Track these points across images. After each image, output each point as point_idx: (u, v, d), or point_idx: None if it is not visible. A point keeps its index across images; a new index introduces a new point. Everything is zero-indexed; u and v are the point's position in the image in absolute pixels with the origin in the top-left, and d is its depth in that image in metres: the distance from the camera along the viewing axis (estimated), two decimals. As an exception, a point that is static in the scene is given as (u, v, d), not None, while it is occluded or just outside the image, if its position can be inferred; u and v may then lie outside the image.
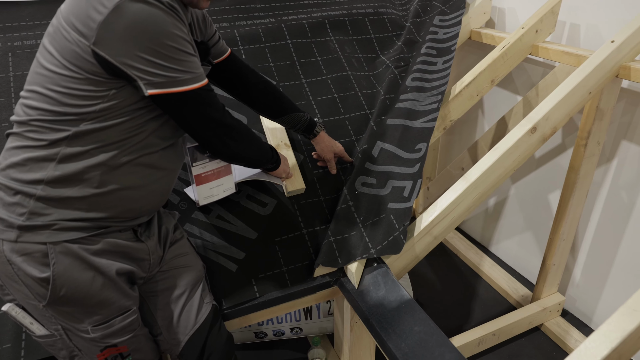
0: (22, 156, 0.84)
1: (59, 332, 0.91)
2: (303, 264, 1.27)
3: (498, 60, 1.59)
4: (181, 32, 0.82)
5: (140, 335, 0.99)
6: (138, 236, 0.98)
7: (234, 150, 1.01)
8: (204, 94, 0.89)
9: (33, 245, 0.84)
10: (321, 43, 1.73)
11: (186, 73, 0.85)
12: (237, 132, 1.00)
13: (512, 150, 1.29)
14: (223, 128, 0.96)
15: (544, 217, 1.95)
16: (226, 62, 1.20)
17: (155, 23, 0.78)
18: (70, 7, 0.80)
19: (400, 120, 1.52)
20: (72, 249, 0.86)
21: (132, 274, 0.97)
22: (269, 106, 1.28)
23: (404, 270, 1.31)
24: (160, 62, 0.81)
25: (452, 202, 1.28)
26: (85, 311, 0.90)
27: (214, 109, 0.93)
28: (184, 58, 0.84)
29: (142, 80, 0.81)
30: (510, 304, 2.02)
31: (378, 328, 1.10)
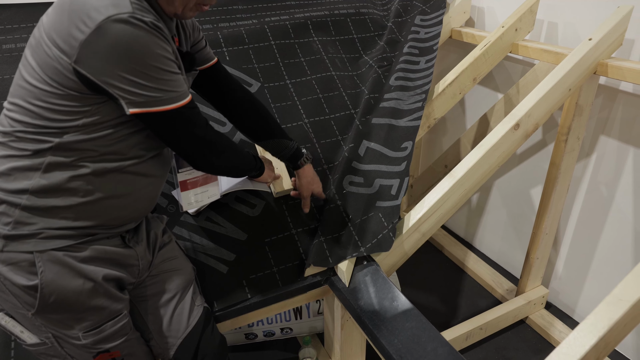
0: (7, 165, 0.83)
1: (49, 340, 0.90)
2: (293, 264, 1.27)
3: (479, 59, 1.62)
4: (164, 51, 0.81)
5: (132, 340, 0.98)
6: (126, 242, 0.97)
7: (216, 165, 1.01)
8: (186, 112, 0.88)
9: (19, 254, 0.83)
10: (304, 44, 1.74)
11: (168, 92, 0.83)
12: (219, 147, 0.99)
13: (496, 146, 1.31)
14: (205, 145, 0.95)
15: (527, 212, 2.00)
16: (211, 70, 1.16)
17: (138, 43, 0.77)
18: (52, 22, 0.79)
19: (385, 119, 1.54)
20: (59, 257, 0.86)
21: (121, 280, 0.96)
22: (251, 127, 1.21)
23: (393, 267, 1.32)
24: (142, 81, 0.80)
25: (439, 199, 1.29)
26: (75, 317, 0.90)
27: (196, 126, 0.91)
28: (166, 77, 0.83)
29: (123, 99, 0.80)
30: (496, 298, 2.05)
31: (370, 325, 1.11)
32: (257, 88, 1.56)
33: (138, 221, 1.01)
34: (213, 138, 0.97)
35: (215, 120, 1.46)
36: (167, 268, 1.08)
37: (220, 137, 1.00)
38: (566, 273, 1.88)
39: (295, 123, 1.53)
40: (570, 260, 1.85)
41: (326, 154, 1.49)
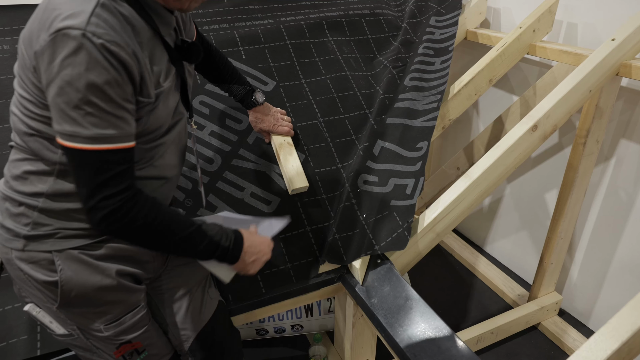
0: (23, 169, 0.85)
1: (75, 331, 0.93)
2: (307, 260, 1.27)
3: (496, 60, 1.61)
4: (106, 83, 0.71)
5: (152, 330, 0.99)
6: None
7: (119, 235, 0.81)
8: (108, 157, 0.75)
9: (39, 253, 0.85)
10: (319, 43, 1.74)
11: (90, 129, 0.72)
12: (134, 221, 0.79)
13: (513, 148, 1.31)
14: (118, 210, 0.77)
15: (541, 216, 1.98)
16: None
17: (75, 70, 0.69)
18: (27, 27, 0.76)
19: (400, 119, 1.53)
20: (76, 255, 0.87)
21: (136, 275, 0.97)
22: (211, 75, 1.26)
23: (407, 266, 1.32)
24: (69, 111, 0.71)
25: (455, 199, 1.29)
26: (95, 311, 0.91)
27: (115, 180, 0.76)
28: (97, 113, 0.72)
29: (53, 122, 0.74)
30: (507, 303, 2.04)
31: (384, 323, 1.10)
32: (272, 87, 1.56)
33: None
34: (136, 206, 0.78)
35: (233, 119, 1.47)
36: (183, 263, 1.09)
37: (148, 211, 0.80)
38: (581, 280, 1.86)
39: (310, 122, 1.53)
40: (586, 267, 1.82)
41: (340, 153, 1.49)
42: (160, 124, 0.88)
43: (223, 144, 1.43)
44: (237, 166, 1.39)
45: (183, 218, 0.86)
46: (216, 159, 1.40)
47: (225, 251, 0.90)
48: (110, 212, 0.76)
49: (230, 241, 0.91)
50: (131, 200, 0.78)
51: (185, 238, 0.85)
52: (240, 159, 1.41)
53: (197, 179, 1.33)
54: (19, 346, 1.06)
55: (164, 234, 0.82)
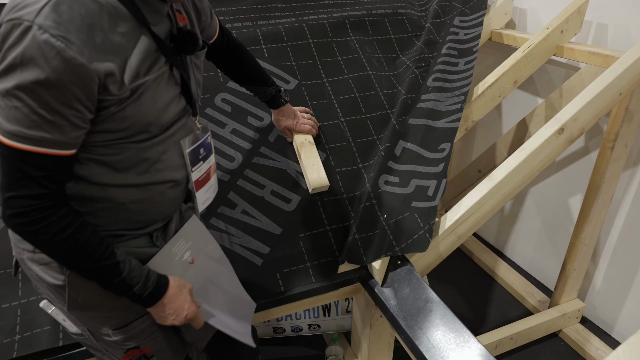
0: None
1: (86, 332, 0.93)
2: (327, 260, 1.27)
3: (522, 61, 1.58)
4: (43, 89, 0.65)
5: (161, 336, 0.98)
6: (154, 241, 0.94)
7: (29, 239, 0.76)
8: (26, 159, 0.69)
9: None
10: (342, 43, 1.74)
11: (12, 124, 0.67)
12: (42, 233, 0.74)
13: (538, 150, 1.28)
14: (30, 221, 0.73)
15: (564, 221, 1.94)
16: (215, 43, 1.12)
17: (21, 62, 0.64)
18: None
19: (422, 120, 1.52)
20: None
21: None
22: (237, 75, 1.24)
23: (427, 268, 1.30)
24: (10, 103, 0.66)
25: (477, 202, 1.27)
26: (103, 316, 0.90)
27: (29, 184, 0.71)
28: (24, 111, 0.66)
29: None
30: (527, 308, 2.00)
31: (403, 325, 1.09)
32: (294, 85, 1.57)
33: (165, 220, 0.97)
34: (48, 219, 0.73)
35: (254, 116, 1.48)
36: None
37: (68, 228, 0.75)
38: (605, 287, 1.81)
39: (332, 121, 1.52)
40: (611, 274, 1.78)
41: (361, 153, 1.48)
42: (149, 121, 0.80)
43: (244, 141, 1.43)
44: (257, 164, 1.40)
45: (102, 249, 0.79)
46: (237, 156, 1.40)
47: (137, 297, 0.84)
48: (17, 214, 0.72)
49: (147, 290, 0.84)
50: (43, 210, 0.72)
51: (95, 269, 0.79)
52: (261, 156, 1.41)
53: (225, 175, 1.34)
54: (42, 336, 1.08)
55: (72, 259, 0.78)
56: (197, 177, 0.98)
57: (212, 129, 1.43)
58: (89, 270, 0.79)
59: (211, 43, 1.12)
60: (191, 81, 0.88)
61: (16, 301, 1.12)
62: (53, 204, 0.74)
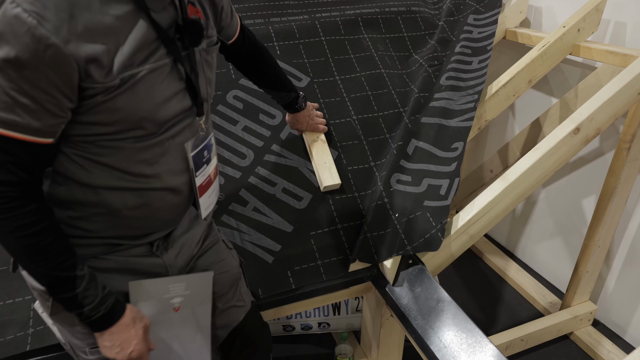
0: None
1: (67, 344, 0.88)
2: (338, 258, 1.26)
3: (537, 60, 1.57)
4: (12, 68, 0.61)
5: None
6: (154, 251, 0.88)
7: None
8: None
9: None
10: (354, 40, 1.73)
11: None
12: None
13: (553, 151, 1.27)
14: None
15: (577, 223, 1.91)
16: (235, 44, 1.07)
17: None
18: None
19: (435, 119, 1.51)
20: None
21: None
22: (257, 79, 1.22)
23: (438, 268, 1.30)
24: None
25: (490, 202, 1.26)
26: (82, 331, 0.83)
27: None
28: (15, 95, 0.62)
29: None
30: (537, 310, 1.98)
31: (415, 325, 1.09)
32: (306, 83, 1.56)
33: (168, 229, 0.90)
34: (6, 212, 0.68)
35: (266, 114, 1.47)
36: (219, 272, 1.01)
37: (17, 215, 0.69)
38: (618, 290, 1.79)
39: (344, 119, 1.52)
40: (624, 277, 1.75)
41: (373, 152, 1.48)
42: (143, 116, 0.73)
43: (256, 139, 1.43)
44: (269, 161, 1.40)
45: (62, 259, 0.73)
46: (248, 154, 1.40)
47: (85, 318, 0.77)
48: None
49: (98, 313, 0.77)
50: (9, 200, 0.67)
51: (46, 276, 0.72)
52: (272, 154, 1.41)
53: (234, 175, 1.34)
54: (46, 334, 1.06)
55: (25, 259, 0.72)
56: (201, 182, 0.91)
57: (224, 126, 1.43)
58: (40, 274, 0.73)
59: (230, 44, 1.06)
60: (199, 78, 0.81)
61: (29, 295, 1.13)
62: (21, 196, 0.68)
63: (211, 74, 0.87)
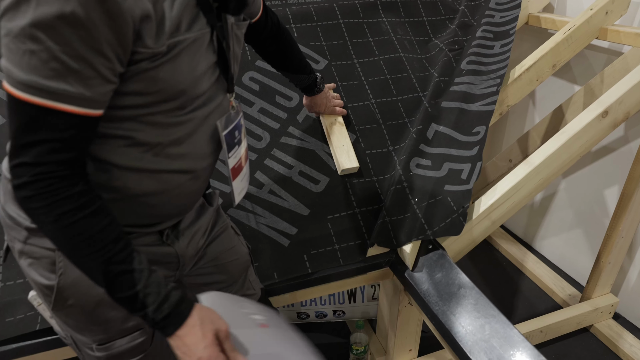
0: None
1: (68, 339, 0.84)
2: (355, 243, 1.24)
3: (562, 44, 1.52)
4: (67, 27, 0.54)
5: (152, 355, 0.86)
6: (164, 239, 0.84)
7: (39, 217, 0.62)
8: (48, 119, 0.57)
9: (41, 250, 0.72)
10: (373, 24, 1.69)
11: (26, 72, 0.55)
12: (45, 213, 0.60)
13: (580, 134, 1.22)
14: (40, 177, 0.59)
15: (598, 213, 1.86)
16: (258, 23, 1.02)
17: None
18: None
19: (455, 103, 1.47)
20: None
21: None
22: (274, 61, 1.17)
23: (459, 254, 1.26)
24: (10, 42, 0.54)
25: (513, 186, 1.22)
26: (89, 328, 0.79)
27: (39, 149, 0.58)
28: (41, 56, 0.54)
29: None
30: (556, 302, 1.94)
31: (435, 311, 1.06)
32: (324, 66, 1.53)
33: (180, 217, 0.86)
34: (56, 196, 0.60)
35: (283, 96, 1.45)
36: (223, 260, 0.98)
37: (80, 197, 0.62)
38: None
39: (362, 103, 1.49)
40: (647, 268, 1.71)
41: (392, 136, 1.45)
42: (183, 88, 0.68)
43: (272, 121, 1.41)
44: (285, 144, 1.37)
45: (117, 249, 0.64)
46: (265, 136, 1.38)
47: (150, 321, 0.67)
48: (23, 185, 0.58)
49: (162, 313, 0.66)
50: (57, 181, 0.59)
51: (101, 272, 0.63)
52: (289, 136, 1.39)
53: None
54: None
55: (75, 251, 0.63)
56: (233, 165, 0.85)
57: (241, 108, 1.41)
58: (94, 270, 0.64)
59: (253, 22, 1.01)
60: (230, 52, 0.76)
61: None
62: (71, 175, 0.60)
63: (239, 49, 0.82)
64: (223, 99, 0.78)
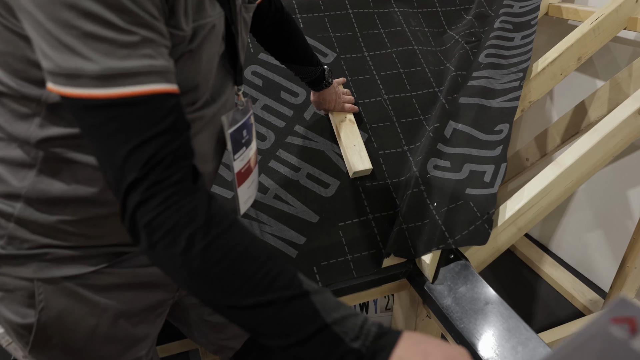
0: None
1: None
2: (369, 252, 1.14)
3: (588, 35, 1.41)
4: None
5: None
6: None
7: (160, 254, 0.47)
8: (148, 104, 0.45)
9: (16, 280, 0.60)
10: (384, 14, 1.59)
11: (98, 60, 0.42)
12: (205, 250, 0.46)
13: (614, 133, 1.12)
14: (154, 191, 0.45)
15: (619, 215, 1.76)
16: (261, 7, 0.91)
17: None
18: None
19: (475, 99, 1.36)
20: (70, 288, 0.61)
21: (154, 305, 0.73)
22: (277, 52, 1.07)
23: (483, 264, 1.16)
24: (61, 34, 0.42)
25: (542, 190, 1.12)
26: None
27: (162, 153, 0.45)
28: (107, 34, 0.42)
29: (39, 57, 0.45)
30: (576, 308, 1.84)
31: (459, 329, 0.96)
32: (332, 59, 1.43)
33: None
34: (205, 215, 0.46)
35: (288, 91, 1.34)
36: None
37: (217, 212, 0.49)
38: (669, 287, 1.65)
39: (374, 99, 1.38)
40: (676, 274, 1.60)
41: (407, 134, 1.34)
42: (197, 83, 0.58)
43: (277, 119, 1.30)
44: (292, 144, 1.27)
45: (278, 271, 0.48)
46: (269, 135, 1.28)
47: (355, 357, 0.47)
48: (152, 220, 0.44)
49: (367, 343, 0.47)
50: (193, 197, 0.45)
51: (272, 309, 0.45)
52: (295, 136, 1.28)
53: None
54: None
55: (227, 289, 0.45)
56: (240, 168, 0.74)
57: (243, 106, 1.31)
58: (257, 311, 0.45)
59: (257, 5, 0.88)
60: (238, 39, 0.66)
61: None
62: (192, 189, 0.46)
63: (246, 36, 0.72)
64: (230, 93, 0.69)
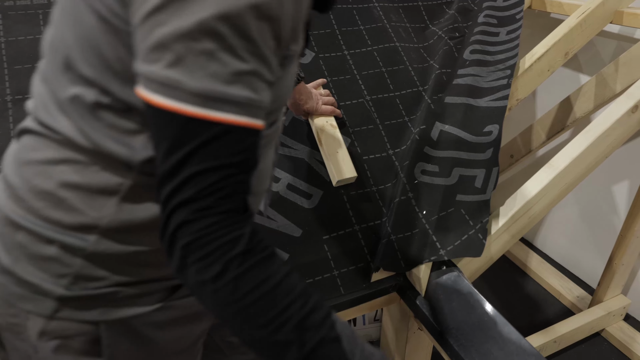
0: (58, 179, 0.50)
1: None
2: (357, 266, 1.07)
3: (575, 30, 1.36)
4: (256, 20, 0.43)
5: None
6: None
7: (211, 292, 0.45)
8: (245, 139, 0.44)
9: (77, 324, 0.53)
10: (364, 10, 1.51)
11: (201, 79, 0.42)
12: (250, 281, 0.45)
13: (608, 132, 1.08)
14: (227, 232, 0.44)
15: (605, 211, 1.75)
16: None
17: None
18: None
19: (461, 98, 1.31)
20: (136, 328, 0.57)
21: (200, 334, 0.69)
22: None
23: (475, 273, 1.11)
24: (172, 42, 0.41)
25: (536, 194, 1.07)
26: None
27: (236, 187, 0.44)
28: (222, 57, 0.42)
29: (137, 55, 0.44)
30: (564, 305, 1.83)
31: (456, 346, 0.90)
32: (310, 58, 1.35)
33: None
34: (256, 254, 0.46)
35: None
36: None
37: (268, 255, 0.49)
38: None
39: (355, 100, 1.31)
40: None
41: (391, 137, 1.28)
42: (277, 106, 0.57)
43: (255, 125, 1.22)
44: (271, 152, 1.19)
45: (313, 304, 0.49)
46: (247, 143, 1.20)
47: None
48: (192, 242, 0.42)
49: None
50: (239, 227, 0.44)
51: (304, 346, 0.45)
52: (275, 143, 1.20)
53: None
54: None
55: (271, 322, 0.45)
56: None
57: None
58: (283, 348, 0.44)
59: None
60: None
61: None
62: (241, 218, 0.44)
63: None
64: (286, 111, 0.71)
